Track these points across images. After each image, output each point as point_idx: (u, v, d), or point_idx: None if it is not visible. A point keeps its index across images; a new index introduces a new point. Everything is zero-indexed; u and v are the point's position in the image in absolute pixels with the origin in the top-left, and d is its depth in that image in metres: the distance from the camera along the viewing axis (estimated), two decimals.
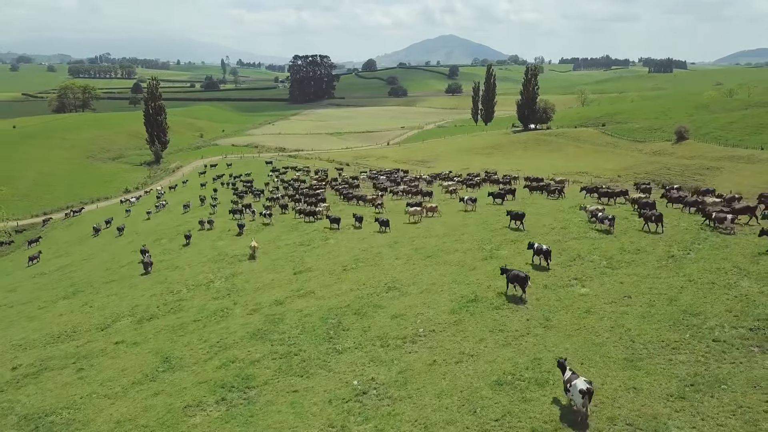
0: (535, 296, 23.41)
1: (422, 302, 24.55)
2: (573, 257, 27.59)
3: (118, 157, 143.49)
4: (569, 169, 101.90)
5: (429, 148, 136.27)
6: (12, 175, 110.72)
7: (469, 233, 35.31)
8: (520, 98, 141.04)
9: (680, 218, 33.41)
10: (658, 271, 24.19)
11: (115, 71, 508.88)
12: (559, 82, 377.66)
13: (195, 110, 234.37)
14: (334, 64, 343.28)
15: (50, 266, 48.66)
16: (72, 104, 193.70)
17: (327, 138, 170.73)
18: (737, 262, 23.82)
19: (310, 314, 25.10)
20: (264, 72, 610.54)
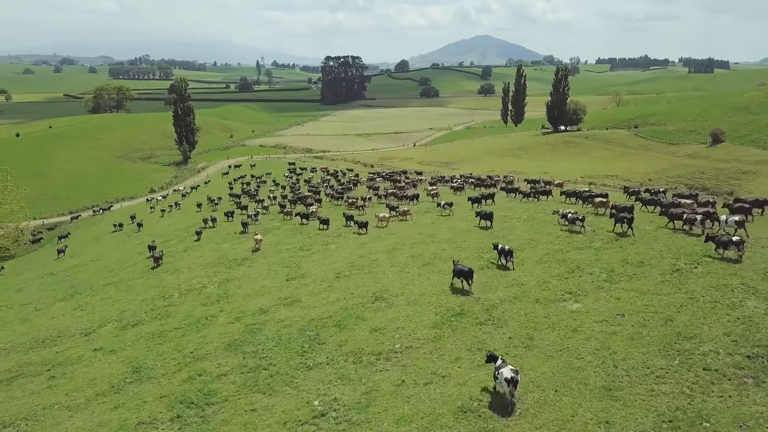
0: (524, 311, 21.94)
1: (406, 315, 23.31)
2: (572, 269, 25.95)
3: (148, 157, 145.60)
4: (598, 172, 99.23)
5: (455, 149, 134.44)
6: (43, 175, 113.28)
7: (471, 240, 33.86)
8: (550, 99, 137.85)
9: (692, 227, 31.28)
10: (659, 287, 22.43)
11: (153, 73, 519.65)
12: (594, 83, 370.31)
13: (227, 111, 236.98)
14: (365, 65, 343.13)
15: (61, 266, 48.94)
16: (107, 105, 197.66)
17: (354, 139, 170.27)
18: (747, 279, 21.90)
19: (291, 325, 24.11)
20: (298, 73, 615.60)
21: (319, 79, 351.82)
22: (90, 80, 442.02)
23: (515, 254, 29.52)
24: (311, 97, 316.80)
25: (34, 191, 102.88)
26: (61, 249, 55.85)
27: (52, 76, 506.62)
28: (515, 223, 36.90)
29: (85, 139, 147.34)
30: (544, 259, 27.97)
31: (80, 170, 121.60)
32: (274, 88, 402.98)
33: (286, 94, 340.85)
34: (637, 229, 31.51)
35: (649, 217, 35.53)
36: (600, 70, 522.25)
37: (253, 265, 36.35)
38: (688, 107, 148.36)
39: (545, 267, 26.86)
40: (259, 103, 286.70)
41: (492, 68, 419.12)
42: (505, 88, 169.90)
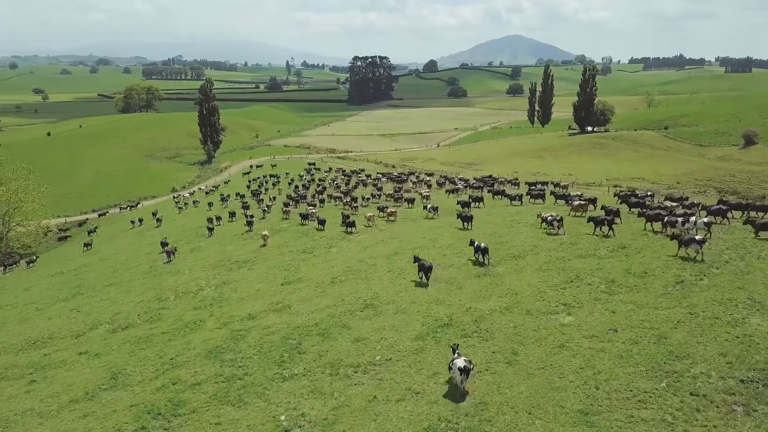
0: (513, 324, 20.87)
1: (392, 324, 22.45)
2: (571, 278, 24.71)
3: (174, 157, 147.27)
4: (624, 174, 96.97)
5: (478, 150, 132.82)
6: (72, 173, 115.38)
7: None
8: (577, 99, 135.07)
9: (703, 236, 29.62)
10: (659, 300, 21.10)
11: (185, 73, 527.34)
12: (626, 83, 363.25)
13: (253, 111, 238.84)
14: (393, 65, 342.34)
15: (71, 265, 49.36)
16: (136, 105, 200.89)
17: (378, 139, 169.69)
18: (754, 293, 20.44)
19: (275, 332, 23.45)
20: (327, 73, 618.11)
21: (347, 79, 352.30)
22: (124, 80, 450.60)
23: (516, 261, 28.51)
24: (339, 98, 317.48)
25: (61, 190, 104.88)
26: (88, 242, 59.07)
27: (87, 77, 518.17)
28: (521, 228, 35.65)
29: (113, 138, 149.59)
30: (544, 267, 26.78)
31: (108, 169, 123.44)
32: (302, 88, 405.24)
33: (314, 94, 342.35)
34: (646, 236, 30.06)
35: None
36: (633, 69, 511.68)
37: (253, 267, 35.89)
38: (721, 108, 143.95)
39: (544, 275, 25.68)
40: (287, 103, 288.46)
41: (521, 68, 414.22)
42: (532, 88, 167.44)
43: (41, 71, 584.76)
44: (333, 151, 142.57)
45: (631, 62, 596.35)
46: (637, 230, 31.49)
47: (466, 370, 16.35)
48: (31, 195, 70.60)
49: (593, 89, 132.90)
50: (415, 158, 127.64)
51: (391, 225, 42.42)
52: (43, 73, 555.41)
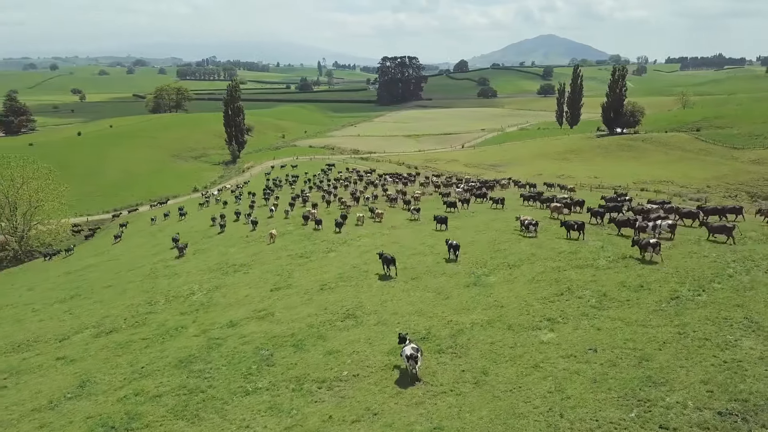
0: (491, 339, 19.73)
1: (368, 337, 21.52)
2: (562, 290, 23.40)
3: (200, 156, 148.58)
4: (653, 177, 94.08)
5: (503, 151, 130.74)
6: (99, 172, 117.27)
7: (472, 252, 31.60)
8: (606, 100, 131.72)
9: (710, 248, 27.80)
10: (650, 317, 19.69)
11: (218, 74, 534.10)
12: (661, 83, 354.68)
13: (281, 111, 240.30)
14: (422, 65, 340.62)
15: (80, 264, 49.66)
16: (167, 105, 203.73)
17: (403, 140, 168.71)
18: (753, 312, 18.89)
19: (250, 342, 22.74)
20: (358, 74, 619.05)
21: (375, 79, 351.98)
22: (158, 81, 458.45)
23: (510, 270, 27.32)
24: (368, 98, 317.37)
25: (86, 188, 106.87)
26: (118, 235, 62.20)
27: (124, 77, 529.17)
28: (524, 235, 34.27)
29: (142, 138, 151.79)
30: (537, 278, 25.50)
31: (134, 168, 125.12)
32: (332, 88, 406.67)
33: (343, 95, 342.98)
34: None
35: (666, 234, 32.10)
36: (669, 69, 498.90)
37: (248, 271, 35.34)
38: (759, 109, 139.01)
39: (535, 287, 24.42)
40: (316, 104, 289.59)
41: (553, 68, 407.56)
42: (561, 88, 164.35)
43: (80, 72, 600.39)
44: (357, 152, 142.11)
45: (667, 62, 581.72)
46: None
47: (413, 357, 17.39)
48: (51, 194, 71.61)
49: (623, 90, 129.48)
50: (438, 159, 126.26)
51: (394, 230, 41.44)
52: (82, 74, 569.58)
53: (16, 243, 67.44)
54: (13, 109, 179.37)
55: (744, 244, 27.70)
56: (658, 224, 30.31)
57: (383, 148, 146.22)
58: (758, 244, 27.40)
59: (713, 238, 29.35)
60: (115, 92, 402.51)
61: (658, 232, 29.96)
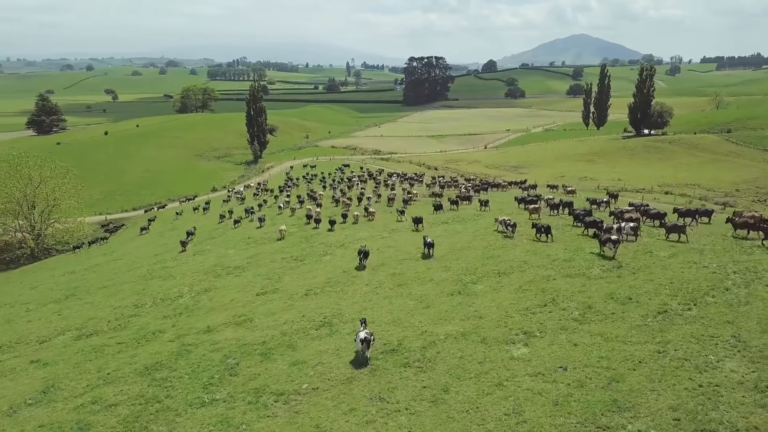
0: (462, 353, 18.71)
1: (337, 347, 20.70)
2: (546, 301, 22.21)
3: (223, 156, 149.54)
4: (678, 180, 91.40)
5: (526, 152, 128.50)
6: (122, 172, 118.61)
7: (465, 258, 30.52)
8: (633, 101, 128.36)
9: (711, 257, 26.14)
10: (631, 333, 18.43)
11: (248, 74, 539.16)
12: (694, 83, 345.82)
13: (306, 112, 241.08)
14: (450, 65, 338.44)
15: (86, 264, 49.92)
16: (193, 105, 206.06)
17: (426, 141, 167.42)
18: (743, 330, 17.50)
19: (220, 349, 22.12)
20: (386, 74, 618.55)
21: (402, 80, 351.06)
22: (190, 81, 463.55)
23: (499, 278, 26.21)
24: (394, 98, 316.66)
25: (108, 187, 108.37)
26: (145, 227, 64.15)
27: (156, 78, 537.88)
28: (521, 240, 33.00)
29: (167, 137, 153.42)
30: (524, 287, 24.32)
31: (157, 168, 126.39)
32: (359, 89, 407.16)
33: (369, 95, 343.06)
34: (650, 255, 27.00)
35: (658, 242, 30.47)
36: (704, 69, 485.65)
37: (241, 274, 34.86)
38: None
39: (519, 296, 23.26)
40: (342, 104, 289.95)
41: (584, 68, 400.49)
42: (587, 88, 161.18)
43: (114, 73, 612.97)
44: (378, 152, 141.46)
45: (703, 61, 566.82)
46: (640, 249, 28.37)
47: (366, 340, 18.86)
48: (68, 193, 72.54)
49: (650, 90, 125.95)
50: (460, 160, 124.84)
51: (392, 233, 40.49)
52: (116, 74, 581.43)
53: (33, 241, 68.35)
54: (44, 109, 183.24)
55: (751, 254, 26.03)
56: (622, 226, 30.97)
57: (405, 149, 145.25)
58: (764, 254, 25.71)
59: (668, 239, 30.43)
60: (146, 92, 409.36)
61: (625, 233, 30.54)
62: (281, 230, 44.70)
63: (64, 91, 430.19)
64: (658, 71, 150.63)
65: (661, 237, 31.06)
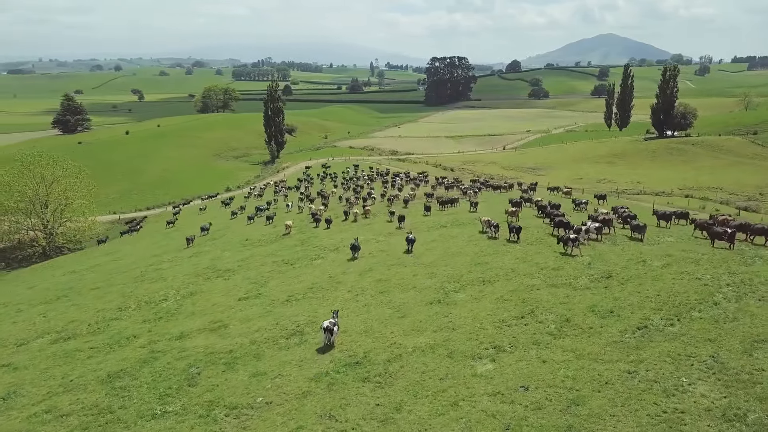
0: (425, 368, 17.81)
1: (302, 358, 19.96)
2: (525, 313, 21.17)
3: (242, 156, 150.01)
4: (700, 183, 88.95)
5: (545, 154, 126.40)
6: (140, 171, 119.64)
7: (453, 264, 29.53)
8: (656, 102, 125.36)
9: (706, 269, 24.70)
10: (606, 350, 17.33)
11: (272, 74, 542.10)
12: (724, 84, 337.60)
13: (326, 112, 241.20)
14: (473, 65, 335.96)
15: (88, 263, 49.99)
16: (214, 105, 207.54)
17: (445, 141, 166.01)
18: (724, 349, 16.29)
19: (186, 357, 21.57)
20: (409, 74, 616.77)
21: (425, 80, 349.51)
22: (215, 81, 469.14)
23: (482, 287, 25.21)
24: (416, 98, 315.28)
25: (125, 186, 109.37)
26: (171, 221, 66.32)
27: (182, 78, 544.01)
28: (514, 247, 31.86)
29: (187, 137, 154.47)
30: (506, 297, 23.29)
31: (175, 167, 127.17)
32: (382, 89, 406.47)
33: (391, 95, 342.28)
34: (643, 264, 25.70)
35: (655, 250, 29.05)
36: (735, 69, 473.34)
37: (230, 278, 34.35)
38: None
39: (499, 307, 22.25)
40: (364, 104, 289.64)
41: (610, 68, 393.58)
42: (610, 89, 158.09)
43: (142, 73, 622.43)
44: (395, 153, 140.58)
45: (734, 61, 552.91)
46: (633, 257, 27.03)
47: (328, 329, 20.34)
48: (81, 192, 73.13)
49: (674, 90, 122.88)
50: (476, 161, 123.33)
51: (389, 237, 39.60)
52: (144, 74, 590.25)
53: (44, 240, 69.02)
54: (69, 109, 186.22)
55: (751, 264, 24.58)
56: (587, 226, 32.20)
57: (423, 150, 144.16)
58: (766, 265, 24.25)
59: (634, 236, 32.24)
60: (172, 92, 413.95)
61: (588, 233, 31.72)
62: (287, 225, 46.23)
63: (92, 91, 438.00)
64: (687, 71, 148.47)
65: (654, 243, 29.69)
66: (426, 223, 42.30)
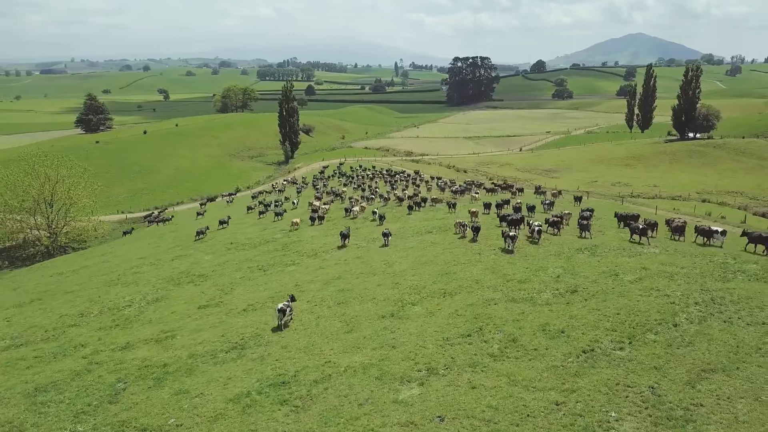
0: (348, 391, 16.63)
1: (230, 376, 18.97)
2: (473, 330, 19.83)
3: (257, 156, 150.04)
4: (720, 187, 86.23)
5: (561, 156, 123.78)
6: (152, 170, 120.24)
7: (421, 274, 28.23)
8: (677, 103, 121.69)
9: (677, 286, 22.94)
10: (543, 375, 15.93)
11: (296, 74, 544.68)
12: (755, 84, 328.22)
13: (346, 112, 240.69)
14: (495, 65, 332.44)
15: (77, 264, 49.79)
16: (233, 105, 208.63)
17: (463, 142, 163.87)
18: (667, 379, 14.80)
19: (119, 371, 20.73)
20: (434, 74, 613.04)
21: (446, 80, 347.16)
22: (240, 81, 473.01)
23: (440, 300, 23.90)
24: (438, 99, 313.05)
25: (137, 185, 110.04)
26: (201, 212, 69.80)
27: (209, 78, 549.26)
28: (487, 256, 30.38)
29: (204, 137, 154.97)
30: (460, 312, 21.94)
31: (189, 167, 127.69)
32: (405, 89, 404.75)
33: (414, 96, 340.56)
34: (615, 278, 24.07)
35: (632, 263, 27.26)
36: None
37: (200, 284, 33.56)
38: None
39: (448, 323, 20.93)
40: (384, 105, 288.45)
41: (637, 68, 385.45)
42: (631, 90, 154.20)
43: (169, 73, 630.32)
44: (410, 154, 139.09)
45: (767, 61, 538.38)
46: (607, 270, 25.35)
47: (281, 310, 22.65)
48: (85, 192, 73.47)
49: (696, 92, 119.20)
50: (491, 162, 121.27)
51: (372, 242, 38.34)
52: (171, 74, 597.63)
53: (48, 239, 69.43)
54: (92, 108, 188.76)
55: (730, 279, 22.80)
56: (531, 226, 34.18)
57: (439, 151, 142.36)
58: (746, 281, 22.45)
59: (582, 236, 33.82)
60: (197, 92, 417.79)
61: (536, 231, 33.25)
62: (294, 222, 47.68)
63: (120, 91, 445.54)
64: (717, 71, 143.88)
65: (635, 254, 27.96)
66: (412, 229, 40.99)
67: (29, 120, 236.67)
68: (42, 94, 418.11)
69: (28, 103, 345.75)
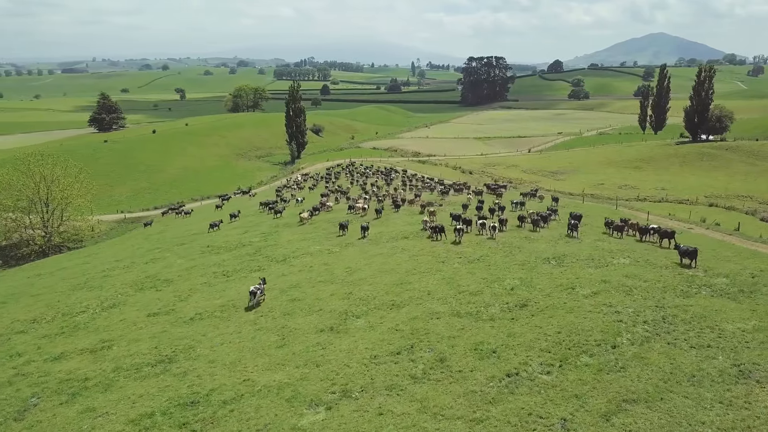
0: (252, 414, 15.58)
1: (142, 394, 18.01)
2: (403, 348, 18.60)
3: (264, 156, 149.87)
4: (730, 190, 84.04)
5: (570, 157, 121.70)
6: (158, 169, 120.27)
7: (377, 283, 27.03)
8: (689, 104, 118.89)
9: (633, 301, 21.52)
10: (457, 402, 14.71)
11: (313, 74, 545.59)
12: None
13: (358, 112, 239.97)
14: (511, 65, 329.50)
15: (58, 266, 49.41)
16: (245, 104, 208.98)
17: (472, 143, 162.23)
18: (584, 410, 13.51)
19: (40, 384, 19.90)
20: (450, 74, 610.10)
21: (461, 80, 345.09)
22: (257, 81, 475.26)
23: (385, 313, 22.79)
24: (452, 99, 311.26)
25: (141, 185, 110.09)
26: (219, 205, 71.76)
27: (226, 78, 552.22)
28: (451, 264, 29.11)
29: (212, 136, 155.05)
30: (400, 326, 20.78)
31: (195, 166, 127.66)
32: (420, 89, 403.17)
33: (428, 95, 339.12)
34: (570, 291, 22.71)
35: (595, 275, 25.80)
36: None
37: (162, 289, 32.67)
38: None
39: (382, 339, 19.78)
40: (398, 105, 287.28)
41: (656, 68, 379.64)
42: (645, 91, 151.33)
43: (187, 72, 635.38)
44: (418, 155, 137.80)
45: None
46: (566, 282, 23.99)
47: (252, 292, 25.31)
48: (81, 191, 73.44)
49: (709, 93, 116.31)
50: (498, 164, 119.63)
51: (346, 248, 37.27)
52: (189, 74, 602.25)
53: (42, 239, 69.49)
54: (105, 107, 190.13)
55: (693, 295, 21.35)
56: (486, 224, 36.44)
57: (448, 151, 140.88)
58: (708, 297, 20.99)
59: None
60: (214, 92, 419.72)
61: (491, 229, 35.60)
62: (303, 217, 48.59)
63: (138, 90, 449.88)
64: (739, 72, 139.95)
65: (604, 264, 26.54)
66: (389, 234, 39.81)
67: (47, 118, 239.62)
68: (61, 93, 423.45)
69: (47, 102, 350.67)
